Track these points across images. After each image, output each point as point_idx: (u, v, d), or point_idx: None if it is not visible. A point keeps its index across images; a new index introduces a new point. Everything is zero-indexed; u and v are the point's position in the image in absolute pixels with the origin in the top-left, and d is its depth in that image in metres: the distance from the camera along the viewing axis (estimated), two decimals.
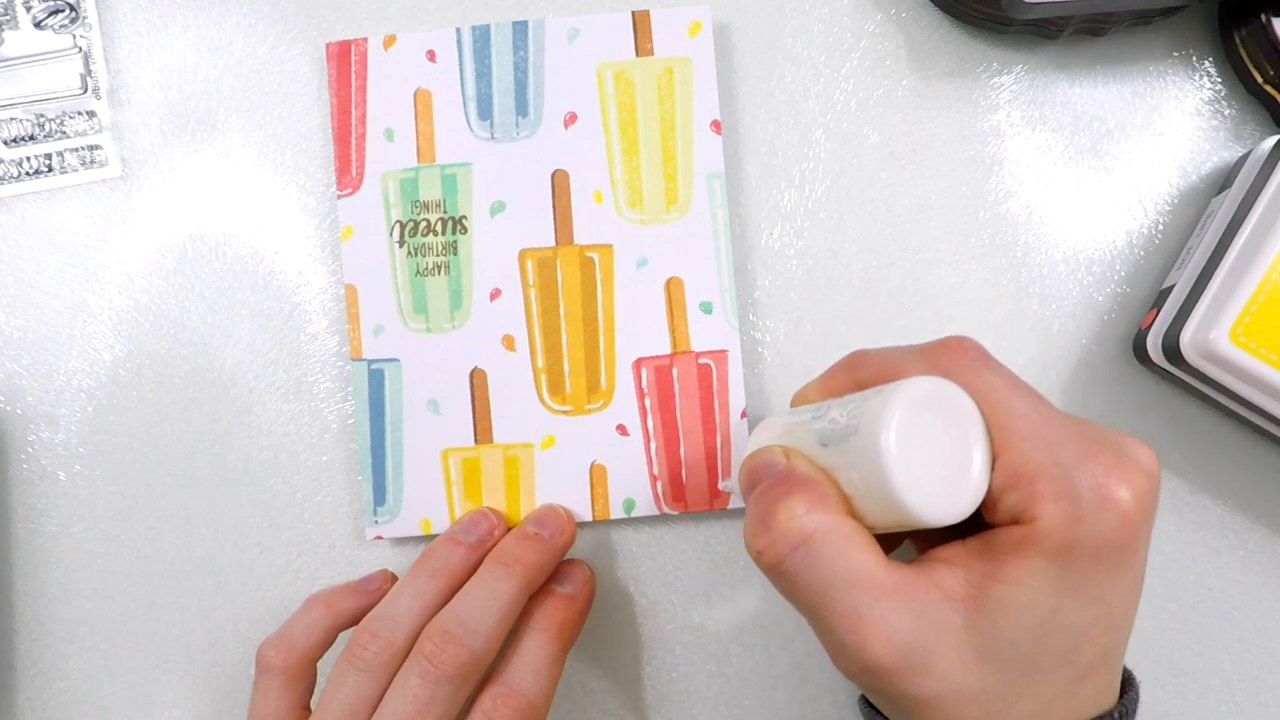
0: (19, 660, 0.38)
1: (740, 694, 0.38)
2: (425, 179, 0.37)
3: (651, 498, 0.37)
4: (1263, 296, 0.32)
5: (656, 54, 0.37)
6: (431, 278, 0.37)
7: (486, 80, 0.37)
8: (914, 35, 0.39)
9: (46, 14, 0.39)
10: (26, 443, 0.39)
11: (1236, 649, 0.37)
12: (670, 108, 0.37)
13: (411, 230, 0.37)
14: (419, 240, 0.37)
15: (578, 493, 0.37)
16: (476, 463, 0.37)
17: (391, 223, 0.37)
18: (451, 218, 0.37)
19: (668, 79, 0.37)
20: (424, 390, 0.37)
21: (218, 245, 0.39)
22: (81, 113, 0.39)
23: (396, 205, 0.37)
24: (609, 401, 0.37)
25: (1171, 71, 0.38)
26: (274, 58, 0.39)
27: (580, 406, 0.37)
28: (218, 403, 0.39)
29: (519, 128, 0.37)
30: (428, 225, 0.37)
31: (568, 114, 0.37)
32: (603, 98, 0.37)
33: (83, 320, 0.39)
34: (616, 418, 0.37)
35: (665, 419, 0.37)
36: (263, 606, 0.38)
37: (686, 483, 0.37)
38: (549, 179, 0.37)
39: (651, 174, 0.37)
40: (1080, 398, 0.38)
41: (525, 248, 0.37)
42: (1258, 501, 0.37)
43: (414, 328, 0.37)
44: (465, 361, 0.37)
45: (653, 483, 0.37)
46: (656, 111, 0.37)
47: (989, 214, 0.38)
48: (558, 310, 0.37)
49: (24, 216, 0.39)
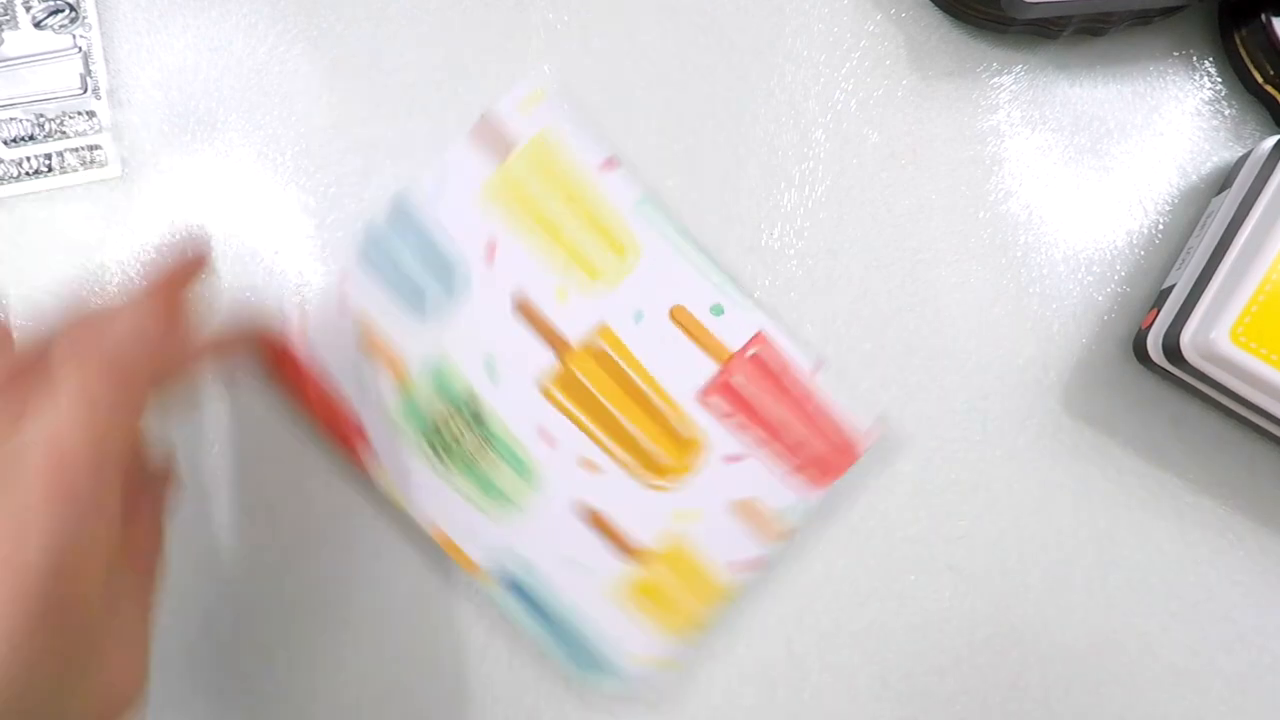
0: None
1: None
2: (420, 399, 0.36)
3: (805, 491, 0.36)
4: (1263, 296, 0.32)
5: (518, 146, 0.37)
6: (484, 464, 0.36)
7: (402, 282, 0.37)
8: (914, 35, 0.39)
9: (46, 14, 0.39)
10: None
11: (1236, 649, 0.37)
12: (561, 178, 0.36)
13: (443, 446, 0.37)
14: (455, 448, 0.36)
15: (746, 538, 0.36)
16: (653, 584, 0.36)
17: (423, 453, 0.37)
18: (463, 407, 0.36)
19: (542, 159, 0.36)
20: (554, 557, 0.36)
21: (218, 245, 0.39)
22: (81, 113, 0.39)
23: (414, 437, 0.37)
24: (702, 445, 0.36)
25: (1171, 71, 0.38)
26: (274, 58, 0.39)
27: (684, 466, 0.36)
28: (218, 402, 0.38)
29: (455, 292, 0.36)
30: (451, 432, 0.36)
31: (485, 249, 0.36)
32: (504, 214, 0.36)
33: None
34: (720, 452, 0.36)
35: (761, 422, 0.36)
36: (263, 606, 0.38)
37: (821, 455, 0.36)
38: (513, 312, 0.36)
39: (588, 241, 0.37)
40: (1080, 398, 0.38)
41: (541, 384, 0.37)
42: (1258, 501, 0.38)
43: (501, 517, 0.37)
44: (566, 509, 0.36)
45: (796, 476, 0.36)
46: (553, 191, 0.36)
47: (989, 214, 0.38)
48: (604, 408, 0.36)
49: (24, 216, 0.39)
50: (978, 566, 0.38)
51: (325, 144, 0.39)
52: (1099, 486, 0.38)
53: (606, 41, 0.39)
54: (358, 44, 0.39)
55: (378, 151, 0.39)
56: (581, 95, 0.39)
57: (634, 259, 0.37)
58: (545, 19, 0.39)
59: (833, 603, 0.38)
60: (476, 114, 0.39)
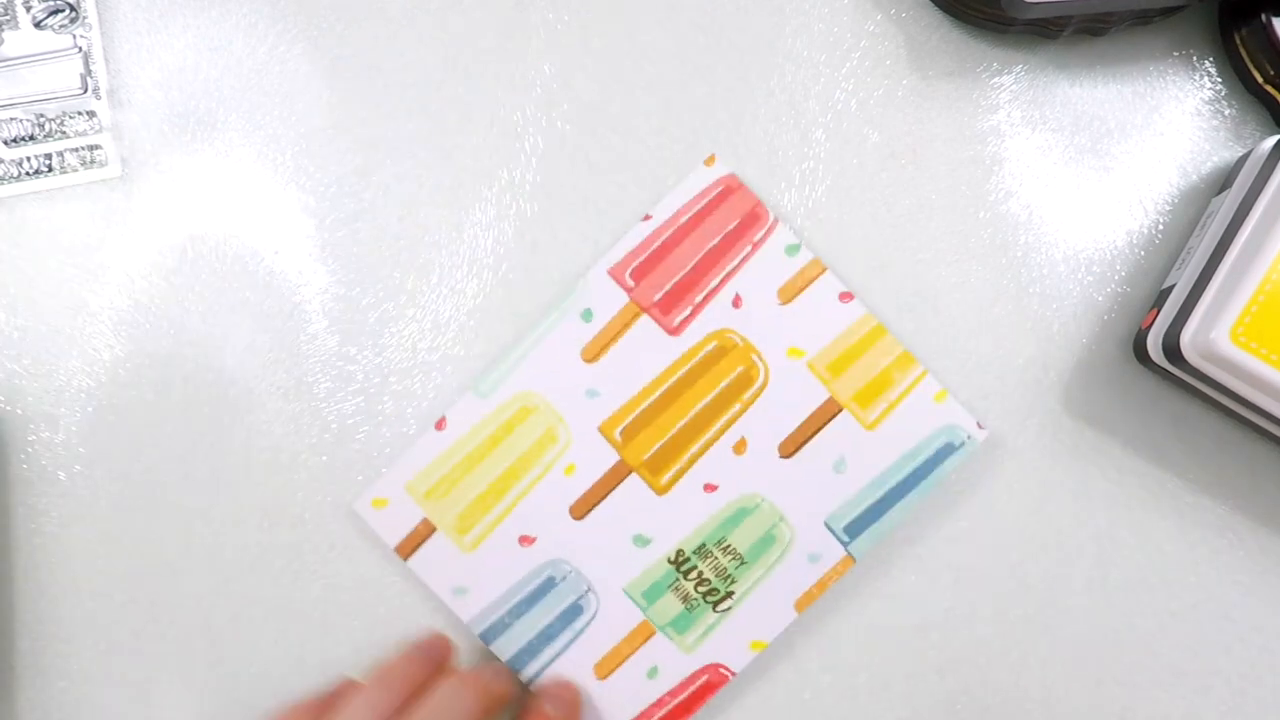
0: (19, 660, 0.38)
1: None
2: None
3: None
4: (1263, 296, 0.32)
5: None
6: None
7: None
8: (914, 35, 0.39)
9: (46, 14, 0.39)
10: (26, 443, 0.39)
11: (1236, 649, 0.37)
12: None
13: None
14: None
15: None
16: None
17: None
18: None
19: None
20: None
21: (218, 245, 0.39)
22: (81, 113, 0.39)
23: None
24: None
25: (1171, 71, 0.38)
26: (274, 58, 0.39)
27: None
28: (218, 403, 0.39)
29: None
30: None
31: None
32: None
33: (83, 320, 0.39)
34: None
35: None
36: (262, 606, 0.38)
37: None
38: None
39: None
40: (1080, 398, 0.38)
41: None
42: (1258, 501, 0.37)
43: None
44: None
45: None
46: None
47: (989, 214, 0.38)
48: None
49: (24, 216, 0.39)
50: (978, 566, 0.38)
51: (325, 144, 0.39)
52: (1099, 486, 0.38)
53: (606, 41, 0.39)
54: (358, 44, 0.39)
55: (378, 151, 0.39)
56: (581, 95, 0.39)
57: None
58: (545, 19, 0.39)
59: (832, 603, 0.38)
60: (477, 114, 0.39)
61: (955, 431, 0.37)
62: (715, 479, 0.37)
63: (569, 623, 0.37)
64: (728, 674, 0.37)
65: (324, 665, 0.38)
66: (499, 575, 0.37)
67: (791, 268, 0.37)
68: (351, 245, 0.39)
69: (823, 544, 0.37)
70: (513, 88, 0.39)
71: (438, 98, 0.39)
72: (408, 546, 0.37)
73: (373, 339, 0.39)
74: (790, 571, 0.37)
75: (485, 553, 0.37)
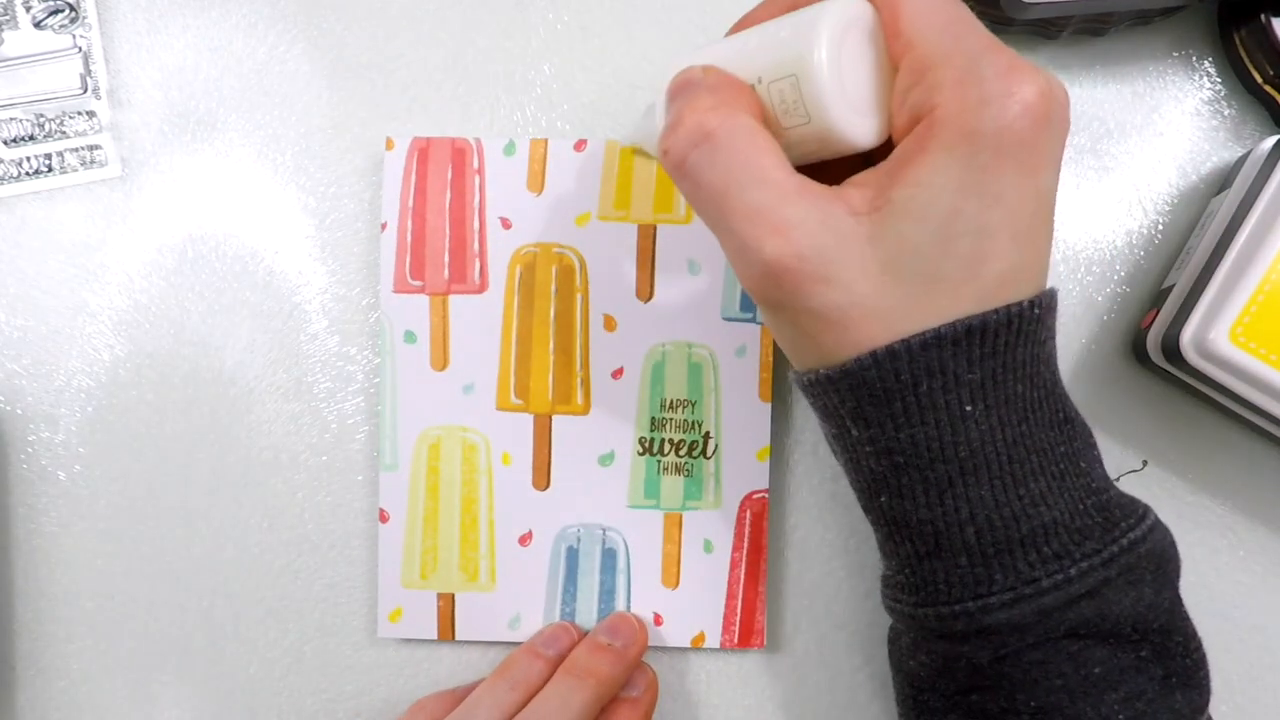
0: (19, 660, 0.38)
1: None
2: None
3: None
4: (1262, 296, 0.32)
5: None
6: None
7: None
8: None
9: (46, 14, 0.39)
10: (26, 443, 0.39)
11: (1236, 649, 0.37)
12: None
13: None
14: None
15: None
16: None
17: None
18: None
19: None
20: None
21: (218, 245, 0.39)
22: (81, 113, 0.39)
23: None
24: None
25: (1171, 71, 0.38)
26: (274, 58, 0.39)
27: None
28: (218, 403, 0.39)
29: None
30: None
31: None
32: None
33: (83, 320, 0.39)
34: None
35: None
36: (263, 606, 0.38)
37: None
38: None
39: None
40: (1080, 398, 0.38)
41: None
42: (1258, 501, 0.37)
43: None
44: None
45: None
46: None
47: None
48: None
49: (24, 216, 0.39)
50: None
51: (325, 144, 0.39)
52: None
53: (606, 41, 0.39)
54: (358, 44, 0.39)
55: (378, 151, 0.39)
56: (581, 95, 0.39)
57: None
58: (545, 19, 0.39)
59: (833, 602, 0.38)
60: (477, 114, 0.39)
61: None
62: (613, 362, 0.37)
63: (612, 567, 0.37)
64: (763, 495, 0.37)
65: (324, 666, 0.38)
66: (530, 584, 0.37)
67: (521, 163, 0.37)
68: (351, 245, 0.39)
69: (736, 335, 0.37)
70: (513, 88, 0.39)
71: (438, 98, 0.39)
72: (445, 627, 0.37)
73: (372, 339, 0.39)
74: (734, 376, 0.37)
75: (504, 577, 0.37)
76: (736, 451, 0.37)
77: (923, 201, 0.24)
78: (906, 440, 0.25)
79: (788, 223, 0.24)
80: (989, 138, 0.23)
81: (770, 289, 0.25)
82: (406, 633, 0.37)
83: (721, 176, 0.25)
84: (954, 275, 0.24)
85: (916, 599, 0.27)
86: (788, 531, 0.38)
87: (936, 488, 0.25)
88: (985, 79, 0.23)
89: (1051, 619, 0.25)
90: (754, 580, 0.37)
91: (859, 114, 0.25)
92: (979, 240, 0.24)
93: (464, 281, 0.37)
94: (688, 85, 0.27)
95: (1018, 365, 0.25)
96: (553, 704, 0.33)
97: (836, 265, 0.24)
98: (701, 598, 0.37)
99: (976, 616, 0.26)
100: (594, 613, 0.37)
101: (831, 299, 0.24)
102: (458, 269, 0.37)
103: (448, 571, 0.37)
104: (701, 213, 0.26)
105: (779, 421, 0.38)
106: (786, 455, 0.38)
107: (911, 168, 0.24)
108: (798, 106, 0.25)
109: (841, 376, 0.25)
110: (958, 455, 0.25)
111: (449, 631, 0.37)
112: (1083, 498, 0.26)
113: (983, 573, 0.26)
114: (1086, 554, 0.26)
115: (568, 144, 0.37)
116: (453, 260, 0.37)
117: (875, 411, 0.25)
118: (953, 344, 0.24)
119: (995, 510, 0.25)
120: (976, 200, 0.24)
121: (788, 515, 0.38)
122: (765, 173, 0.25)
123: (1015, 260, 0.25)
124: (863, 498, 0.28)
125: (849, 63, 0.25)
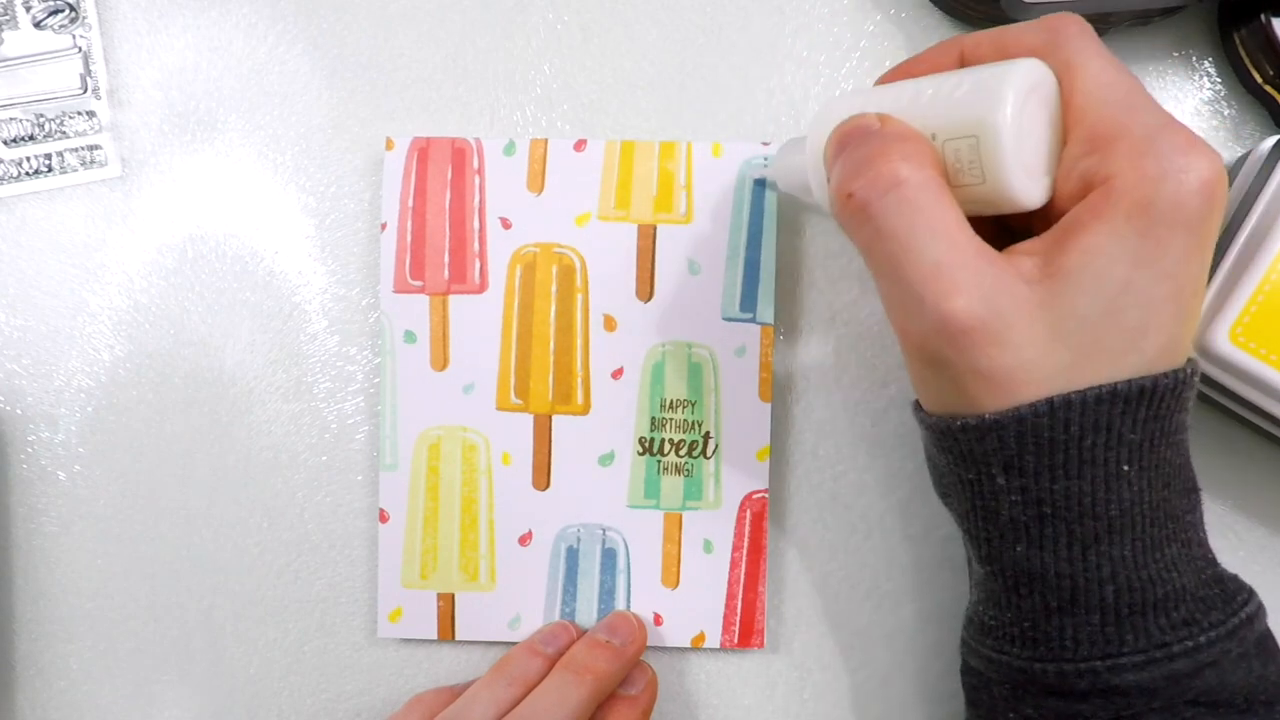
0: (19, 660, 0.38)
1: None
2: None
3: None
4: (1262, 296, 0.32)
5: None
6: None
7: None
8: (914, 35, 0.39)
9: (46, 14, 0.39)
10: (26, 443, 0.39)
11: None
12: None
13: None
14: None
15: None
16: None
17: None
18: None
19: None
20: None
21: (218, 245, 0.39)
22: (81, 113, 0.39)
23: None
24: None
25: (1171, 71, 0.38)
26: (274, 58, 0.39)
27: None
28: (218, 403, 0.39)
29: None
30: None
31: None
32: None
33: (83, 320, 0.39)
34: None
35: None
36: (262, 606, 0.38)
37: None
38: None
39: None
40: None
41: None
42: (1258, 501, 0.37)
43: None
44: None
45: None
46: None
47: None
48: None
49: (24, 216, 0.39)
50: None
51: (325, 144, 0.39)
52: None
53: (606, 41, 0.39)
54: (358, 44, 0.39)
55: (378, 151, 0.39)
56: (581, 95, 0.39)
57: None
58: (545, 19, 0.39)
59: (832, 602, 0.38)
60: (477, 113, 0.39)
61: (751, 164, 0.37)
62: (613, 362, 0.37)
63: (612, 567, 0.37)
64: (763, 495, 0.37)
65: (324, 666, 0.38)
66: (530, 584, 0.37)
67: (521, 163, 0.37)
68: (351, 245, 0.39)
69: (736, 334, 0.37)
70: (513, 88, 0.39)
71: (438, 98, 0.39)
72: (445, 627, 0.37)
73: (372, 339, 0.39)
74: (734, 376, 0.37)
75: (504, 577, 0.37)
76: (736, 451, 0.37)
77: (1096, 270, 0.24)
78: (1060, 492, 0.25)
79: (970, 283, 0.24)
80: (1165, 212, 0.24)
81: (942, 344, 0.25)
82: (406, 633, 0.37)
83: (907, 227, 0.25)
84: (1117, 345, 0.25)
85: (1033, 653, 0.27)
86: (788, 531, 0.38)
87: (1081, 543, 0.25)
88: (1164, 154, 0.24)
89: (1179, 685, 0.26)
90: (754, 580, 0.37)
91: (1031, 178, 0.26)
92: (1146, 313, 0.25)
93: (464, 281, 0.37)
94: (865, 133, 0.27)
95: (1171, 431, 0.26)
96: (550, 699, 0.33)
97: (1010, 328, 0.24)
98: (701, 598, 0.37)
99: (1104, 676, 0.26)
100: (594, 613, 0.37)
101: (1000, 361, 0.25)
102: (458, 269, 0.37)
103: (448, 571, 0.37)
104: (873, 259, 0.26)
105: (779, 421, 0.38)
106: (786, 455, 0.38)
107: (1086, 234, 0.24)
108: (974, 167, 0.25)
109: (1007, 424, 0.25)
110: (1108, 513, 0.25)
111: (449, 631, 0.37)
112: (1204, 568, 0.27)
113: (1114, 633, 0.26)
114: (1214, 624, 0.26)
115: (568, 144, 0.37)
116: (453, 260, 0.37)
117: (1035, 461, 0.25)
118: (1124, 402, 0.25)
119: (1135, 571, 0.25)
120: (1148, 273, 0.24)
121: (788, 515, 0.38)
122: (950, 230, 0.25)
123: (1174, 333, 0.25)
124: (986, 546, 0.28)
125: (1027, 126, 0.25)
